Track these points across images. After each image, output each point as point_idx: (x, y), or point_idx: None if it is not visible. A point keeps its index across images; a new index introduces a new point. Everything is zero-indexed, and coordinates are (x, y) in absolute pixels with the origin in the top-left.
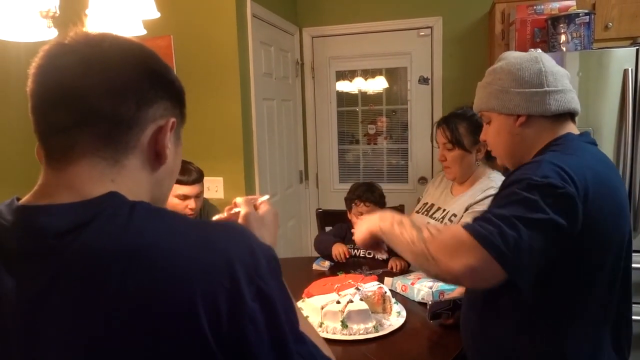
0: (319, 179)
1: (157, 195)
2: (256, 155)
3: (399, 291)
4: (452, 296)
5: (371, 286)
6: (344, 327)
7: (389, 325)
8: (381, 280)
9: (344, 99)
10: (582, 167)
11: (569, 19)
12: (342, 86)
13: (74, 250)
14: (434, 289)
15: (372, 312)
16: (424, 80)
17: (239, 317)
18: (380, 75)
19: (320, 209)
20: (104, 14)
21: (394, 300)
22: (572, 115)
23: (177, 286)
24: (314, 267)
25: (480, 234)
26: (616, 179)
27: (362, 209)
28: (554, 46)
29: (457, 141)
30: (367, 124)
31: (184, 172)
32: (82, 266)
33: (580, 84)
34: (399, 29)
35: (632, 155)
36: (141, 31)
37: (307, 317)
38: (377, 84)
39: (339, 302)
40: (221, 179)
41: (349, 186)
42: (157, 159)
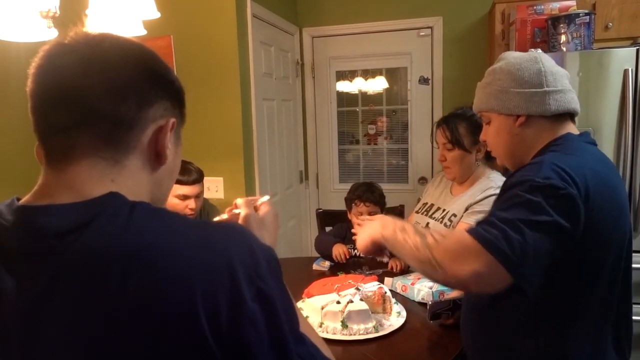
0: (319, 179)
1: (157, 195)
2: (256, 155)
3: (399, 291)
4: (452, 296)
5: (371, 286)
6: (344, 327)
7: (389, 325)
8: (381, 280)
9: (344, 99)
10: (582, 167)
11: (569, 19)
12: (342, 86)
13: (74, 250)
14: (434, 289)
15: (372, 312)
16: (424, 80)
17: (238, 318)
18: (380, 75)
19: (320, 209)
20: (104, 14)
21: (394, 300)
22: (572, 115)
23: (177, 286)
24: (314, 267)
25: (485, 238)
26: (616, 179)
27: (362, 209)
28: (554, 46)
29: (457, 141)
30: (367, 124)
31: (184, 172)
32: (82, 266)
33: (580, 84)
34: (399, 29)
35: (632, 155)
36: (141, 31)
37: (307, 317)
38: (377, 84)
39: (339, 302)
40: (221, 179)
41: (349, 186)
42: (157, 159)
